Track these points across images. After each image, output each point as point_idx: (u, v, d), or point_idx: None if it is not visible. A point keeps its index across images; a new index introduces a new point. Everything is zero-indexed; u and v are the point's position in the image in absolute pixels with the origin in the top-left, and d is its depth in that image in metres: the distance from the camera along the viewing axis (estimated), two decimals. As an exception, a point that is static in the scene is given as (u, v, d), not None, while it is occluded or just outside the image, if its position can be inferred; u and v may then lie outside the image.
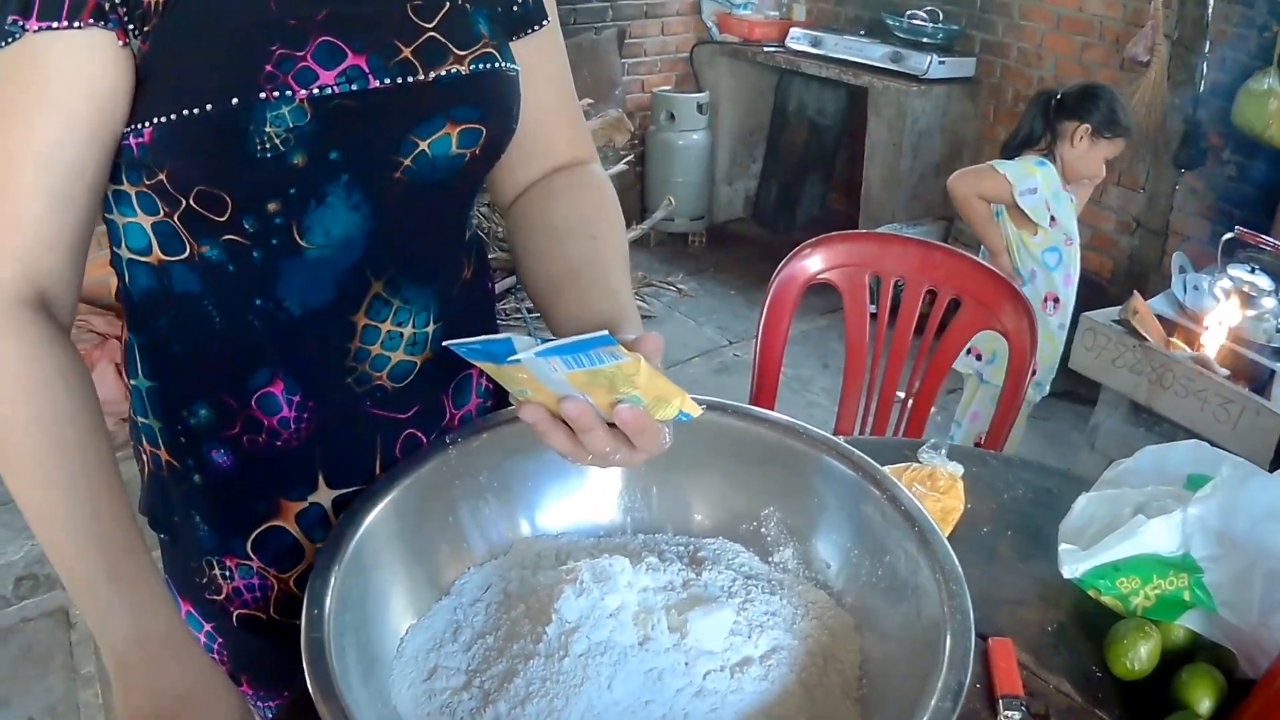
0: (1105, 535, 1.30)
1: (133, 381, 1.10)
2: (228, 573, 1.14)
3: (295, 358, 1.04)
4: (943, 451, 1.51)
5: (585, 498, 1.22)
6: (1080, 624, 1.32)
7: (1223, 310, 3.28)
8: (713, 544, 1.21)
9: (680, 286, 4.61)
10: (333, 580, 0.98)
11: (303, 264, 0.99)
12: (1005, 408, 2.15)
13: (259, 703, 1.26)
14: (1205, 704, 1.15)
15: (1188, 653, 1.24)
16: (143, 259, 1.01)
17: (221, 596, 1.16)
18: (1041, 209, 2.98)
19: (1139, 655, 1.21)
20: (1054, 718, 1.18)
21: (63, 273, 0.94)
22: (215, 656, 1.21)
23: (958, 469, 1.49)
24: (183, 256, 0.99)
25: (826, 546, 1.18)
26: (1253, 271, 3.32)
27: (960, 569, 1.02)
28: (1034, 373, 2.14)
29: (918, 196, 5.12)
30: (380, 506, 1.07)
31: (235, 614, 1.17)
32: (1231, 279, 3.33)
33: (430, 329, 1.09)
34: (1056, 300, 3.10)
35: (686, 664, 1.02)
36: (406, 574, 1.11)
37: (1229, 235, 3.38)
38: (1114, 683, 1.22)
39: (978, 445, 2.93)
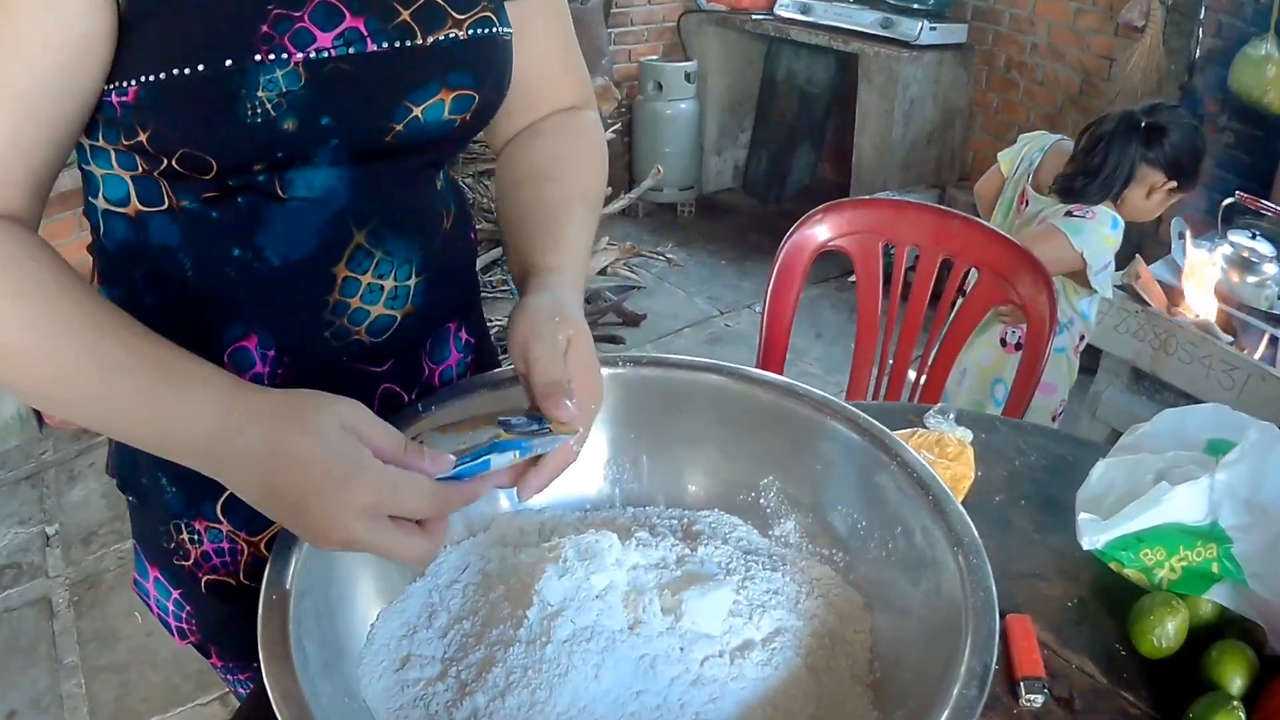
0: (1126, 504, 1.23)
1: None
2: (196, 537, 1.11)
3: (271, 311, 1.02)
4: (951, 416, 1.44)
5: (573, 469, 1.12)
6: (1102, 599, 1.25)
7: (1223, 275, 3.26)
8: (708, 517, 1.15)
9: (670, 256, 4.54)
10: (294, 561, 0.91)
11: (285, 212, 0.98)
12: (1025, 378, 2.09)
13: (229, 675, 1.26)
14: (1237, 683, 1.08)
15: (1216, 629, 1.17)
16: (119, 210, 0.99)
17: (189, 562, 1.13)
18: (1108, 281, 2.72)
19: (1166, 632, 1.14)
20: (1078, 701, 1.11)
21: (18, 213, 0.89)
22: (184, 626, 1.19)
23: (967, 434, 1.41)
24: (162, 208, 0.97)
25: (832, 518, 1.11)
26: (1253, 237, 3.29)
27: (980, 541, 0.95)
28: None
29: (910, 164, 5.11)
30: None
31: (204, 580, 1.14)
32: (1232, 244, 3.30)
33: (412, 282, 1.07)
34: (1083, 337, 2.88)
35: (682, 649, 0.95)
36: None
37: (1229, 200, 3.34)
38: (1139, 661, 1.16)
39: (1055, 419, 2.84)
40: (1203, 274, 3.29)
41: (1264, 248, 3.26)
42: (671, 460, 1.18)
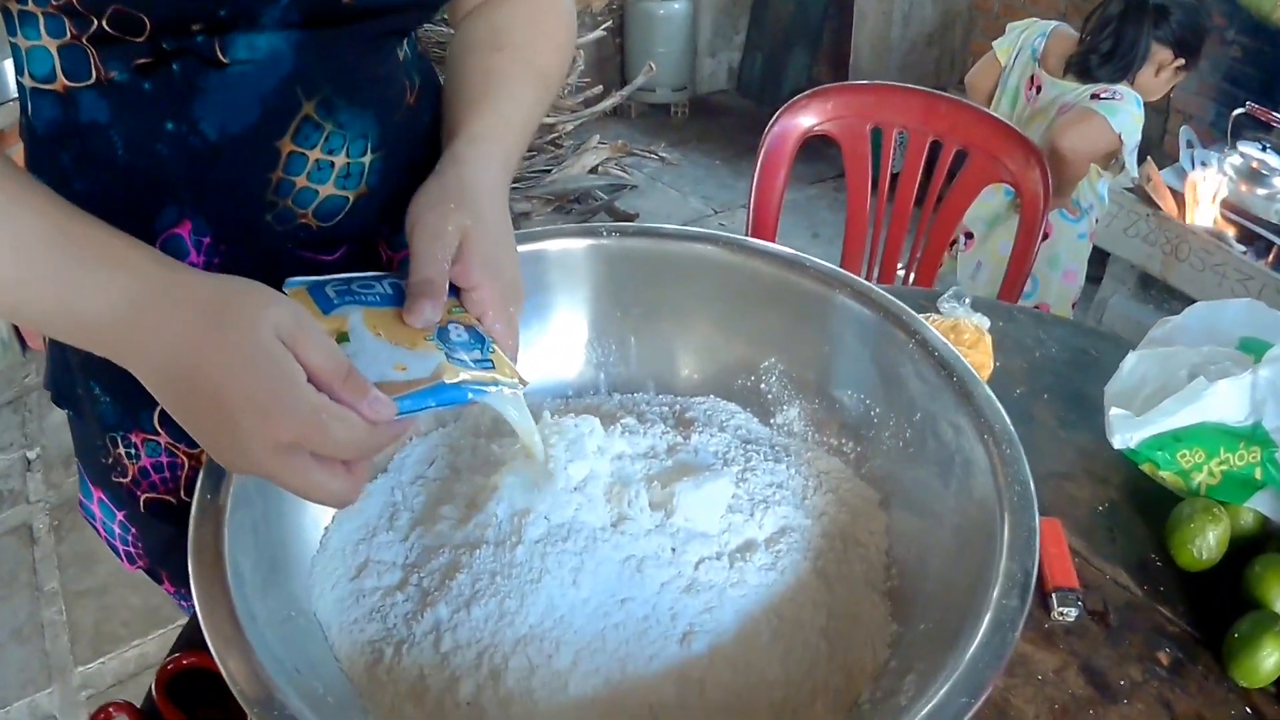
0: (1160, 400, 1.16)
1: None
2: (133, 451, 1.04)
3: (208, 192, 0.93)
4: (966, 301, 1.35)
5: (550, 351, 1.06)
6: (1134, 504, 1.17)
7: (1231, 187, 3.22)
8: (703, 404, 1.06)
9: (663, 155, 4.47)
10: None
11: (224, 80, 0.88)
12: (1021, 255, 2.06)
13: (183, 602, 1.18)
14: (1282, 601, 1.01)
15: (1257, 541, 1.11)
16: (47, 87, 0.91)
17: (128, 479, 1.06)
18: (1135, 161, 2.73)
19: (1207, 542, 1.07)
20: (1113, 615, 1.03)
21: None
22: (131, 550, 1.14)
23: (984, 321, 1.32)
24: (89, 83, 0.89)
25: (841, 404, 1.01)
26: (1264, 150, 3.25)
27: (1013, 429, 0.84)
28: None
29: (908, 67, 5.01)
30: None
31: (143, 499, 1.07)
32: (1242, 155, 3.25)
33: (367, 159, 0.97)
34: (1098, 220, 2.91)
35: (673, 550, 0.85)
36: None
37: (1240, 111, 3.29)
38: (1177, 574, 1.08)
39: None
40: (1211, 184, 3.25)
41: (1274, 160, 3.21)
42: (662, 341, 1.09)
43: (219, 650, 0.67)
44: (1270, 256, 3.07)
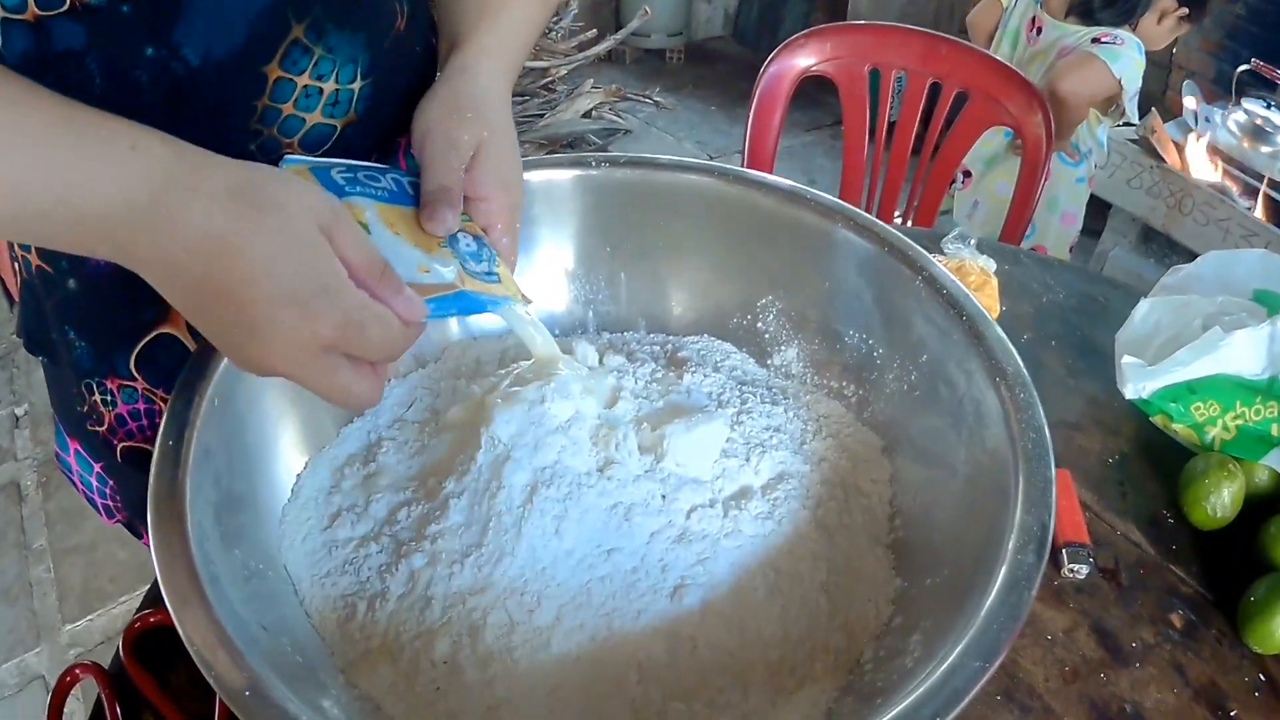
0: (1173, 349, 1.11)
1: None
2: (109, 397, 1.02)
3: (189, 121, 0.85)
4: (971, 243, 1.29)
5: (536, 288, 0.99)
6: (1146, 458, 1.12)
7: (1235, 143, 3.18)
8: (696, 343, 1.01)
9: (658, 100, 4.41)
10: (195, 412, 0.76)
11: (209, 0, 0.83)
12: (1022, 200, 2.02)
13: None
14: (1299, 564, 0.97)
15: (1273, 500, 1.06)
16: (17, 16, 0.84)
17: (104, 428, 1.03)
18: (1136, 107, 2.72)
19: (1222, 500, 1.02)
20: (1124, 573, 0.98)
21: None
22: (109, 503, 1.12)
23: (990, 263, 1.27)
24: (63, 9, 0.82)
25: (842, 344, 0.96)
26: (1268, 107, 3.21)
27: (1026, 373, 0.78)
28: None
29: (908, 15, 4.91)
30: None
31: (120, 448, 1.04)
32: (1247, 112, 3.21)
33: (356, 85, 0.93)
34: (1097, 166, 2.90)
35: (664, 497, 0.80)
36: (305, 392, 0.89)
37: (1244, 67, 3.24)
38: (1190, 532, 1.04)
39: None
40: (1213, 140, 3.21)
41: (1277, 117, 3.18)
42: (654, 278, 1.03)
43: (176, 609, 0.62)
44: (1262, 210, 3.04)
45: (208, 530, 0.69)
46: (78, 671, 0.88)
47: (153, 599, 0.95)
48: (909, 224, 2.20)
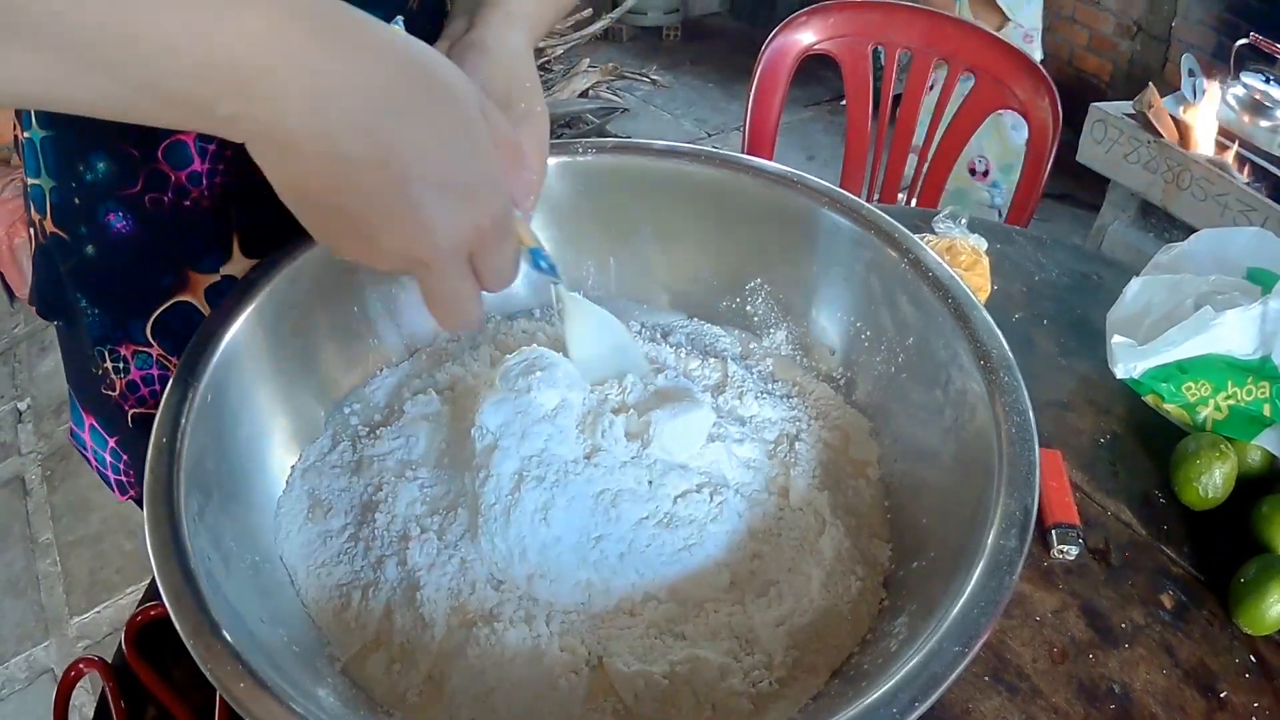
0: (1165, 328, 1.10)
1: (26, 134, 0.95)
2: (122, 364, 1.02)
3: None
4: (962, 221, 1.29)
5: (524, 272, 0.95)
6: (1137, 437, 1.12)
7: (1234, 118, 3.15)
8: (685, 327, 1.01)
9: (655, 78, 4.41)
10: (191, 395, 0.75)
11: None
12: (1029, 184, 1.98)
13: None
14: (1291, 544, 0.97)
15: (1264, 481, 1.06)
16: None
17: (115, 393, 1.04)
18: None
19: (1214, 480, 1.02)
20: (1114, 554, 0.98)
21: None
22: (123, 478, 1.13)
23: (981, 242, 1.27)
24: None
25: (830, 326, 0.96)
26: (1267, 81, 3.17)
27: (1011, 356, 0.78)
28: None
29: None
30: (265, 292, 0.84)
31: (131, 413, 1.05)
32: (1245, 86, 3.18)
33: None
34: (1028, 39, 2.92)
35: (651, 483, 0.80)
36: (300, 380, 0.89)
37: (1243, 41, 3.21)
38: (1181, 512, 1.04)
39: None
40: (1212, 114, 3.18)
41: (1276, 92, 3.14)
42: (642, 262, 1.03)
43: (171, 603, 0.62)
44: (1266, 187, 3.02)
45: (202, 523, 0.70)
46: (81, 666, 0.88)
47: (154, 592, 0.96)
48: (913, 204, 2.18)
